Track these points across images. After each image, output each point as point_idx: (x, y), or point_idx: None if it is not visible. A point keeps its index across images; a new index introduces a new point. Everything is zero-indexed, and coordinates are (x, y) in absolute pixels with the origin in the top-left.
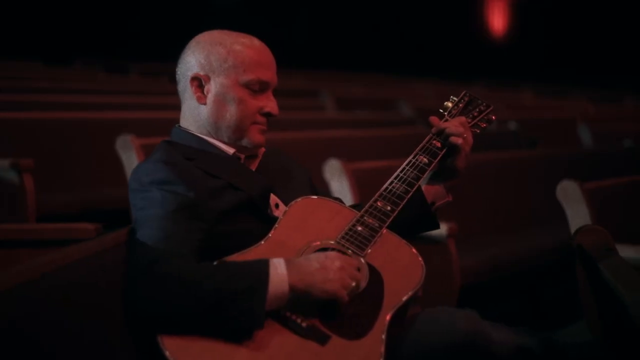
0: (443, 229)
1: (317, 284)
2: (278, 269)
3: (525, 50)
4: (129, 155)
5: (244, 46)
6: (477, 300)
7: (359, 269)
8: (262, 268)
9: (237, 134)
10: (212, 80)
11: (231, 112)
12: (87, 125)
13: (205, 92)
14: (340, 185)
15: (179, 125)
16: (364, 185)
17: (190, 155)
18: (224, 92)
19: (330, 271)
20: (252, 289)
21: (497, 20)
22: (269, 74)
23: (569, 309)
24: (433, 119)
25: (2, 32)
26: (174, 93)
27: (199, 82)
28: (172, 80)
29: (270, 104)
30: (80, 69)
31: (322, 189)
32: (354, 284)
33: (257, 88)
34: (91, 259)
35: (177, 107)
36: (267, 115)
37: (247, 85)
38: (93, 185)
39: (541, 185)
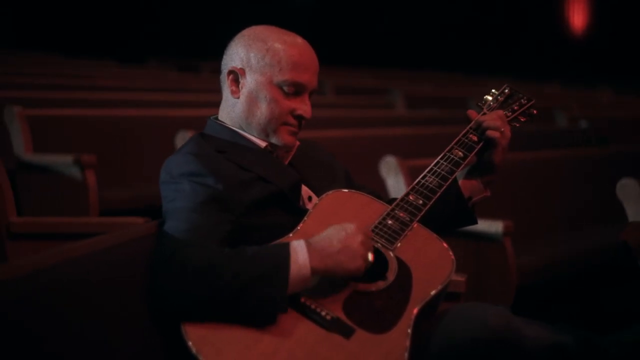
0: (499, 227)
1: (339, 264)
2: (298, 252)
3: (607, 48)
4: None
5: (285, 45)
6: (535, 300)
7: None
8: (282, 252)
9: (265, 133)
10: (248, 75)
11: (262, 111)
12: (149, 122)
13: (240, 87)
14: (396, 182)
15: (215, 118)
16: None
17: (222, 148)
18: (258, 89)
19: (351, 250)
20: (273, 274)
21: (578, 18)
22: (306, 76)
23: (631, 310)
24: (471, 112)
25: (79, 33)
26: None
27: (235, 76)
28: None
29: (303, 107)
30: (153, 69)
31: (379, 187)
32: (371, 256)
33: (292, 90)
34: (101, 254)
35: None
36: (299, 118)
37: (281, 86)
38: (155, 182)
39: (606, 183)
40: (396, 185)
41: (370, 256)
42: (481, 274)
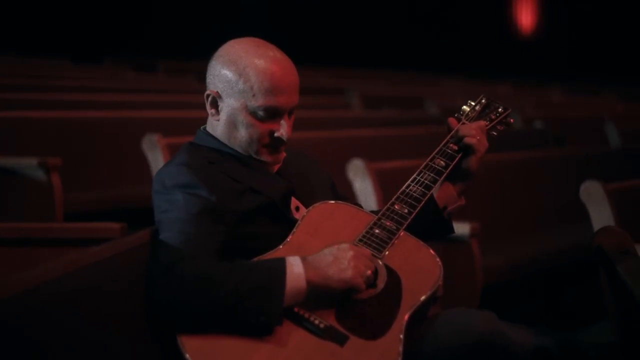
0: (465, 229)
1: (333, 275)
2: (294, 265)
3: (554, 47)
4: (155, 155)
5: (257, 70)
6: (499, 300)
7: (375, 270)
8: (278, 266)
9: (248, 153)
10: (224, 100)
11: (241, 134)
12: (113, 124)
13: (219, 109)
14: (363, 185)
15: (204, 128)
16: (387, 186)
17: (213, 158)
18: (235, 114)
19: (344, 261)
20: (269, 287)
21: (526, 17)
22: (281, 99)
23: (592, 309)
24: (451, 120)
25: (32, 31)
26: (200, 91)
27: (213, 99)
28: (199, 79)
29: (281, 129)
30: (110, 68)
31: (346, 190)
32: (369, 272)
33: (267, 115)
34: (103, 263)
35: (202, 105)
36: (278, 140)
37: (255, 112)
38: (120, 184)
39: (565, 185)
40: (364, 188)
41: (367, 271)
42: (448, 276)
